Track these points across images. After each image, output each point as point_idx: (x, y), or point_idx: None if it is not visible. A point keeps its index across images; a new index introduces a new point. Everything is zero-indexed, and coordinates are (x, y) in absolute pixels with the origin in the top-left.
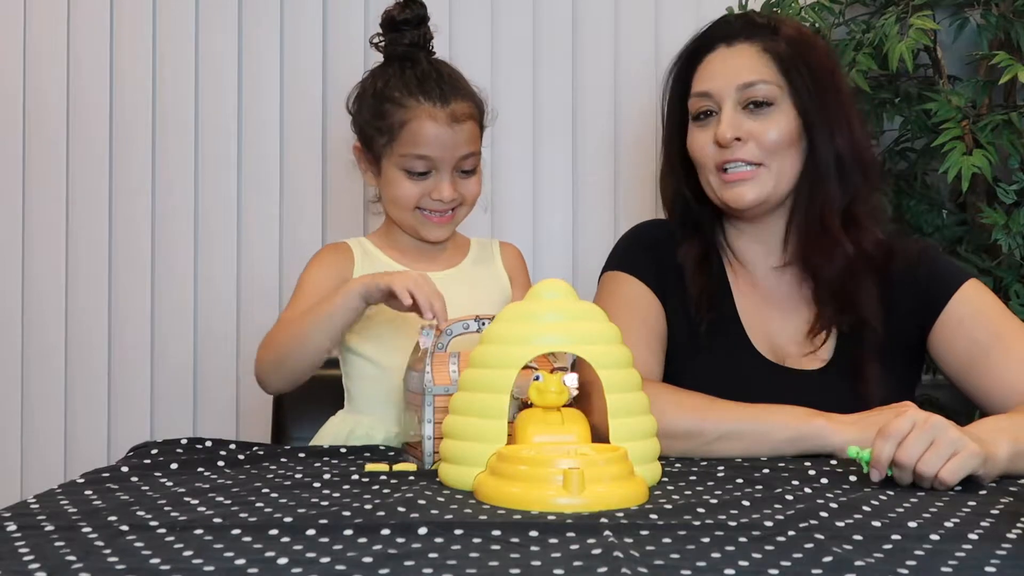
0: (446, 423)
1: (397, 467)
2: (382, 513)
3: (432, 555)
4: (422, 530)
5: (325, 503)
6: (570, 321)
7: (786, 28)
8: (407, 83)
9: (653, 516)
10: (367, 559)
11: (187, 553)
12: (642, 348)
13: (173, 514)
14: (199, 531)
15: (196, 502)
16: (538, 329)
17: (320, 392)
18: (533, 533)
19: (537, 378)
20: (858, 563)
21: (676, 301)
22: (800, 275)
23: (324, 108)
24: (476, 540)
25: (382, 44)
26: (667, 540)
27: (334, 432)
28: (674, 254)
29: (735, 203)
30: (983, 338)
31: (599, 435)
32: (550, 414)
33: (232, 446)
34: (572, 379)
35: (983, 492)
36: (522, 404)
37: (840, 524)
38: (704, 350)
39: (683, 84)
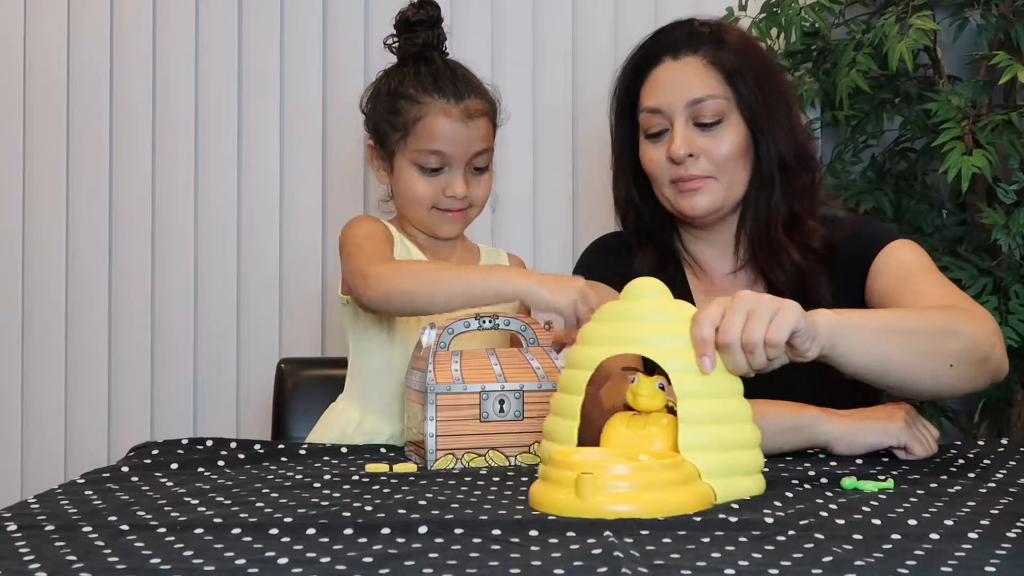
0: (546, 423)
1: (397, 467)
2: (382, 513)
3: (432, 555)
4: (422, 530)
5: (325, 503)
6: (655, 323)
7: (729, 35)
8: (422, 80)
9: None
10: (367, 559)
11: (187, 553)
12: None
13: (173, 514)
14: (199, 531)
15: (196, 502)
16: (620, 330)
17: (321, 392)
18: (533, 533)
19: (633, 380)
20: (858, 563)
21: None
22: (752, 276)
23: (324, 109)
24: (476, 540)
25: (395, 45)
26: (667, 540)
27: (341, 423)
28: (631, 263)
29: (690, 212)
30: (897, 281)
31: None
32: (636, 418)
33: (233, 445)
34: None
35: (983, 491)
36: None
37: (840, 523)
38: None
39: (631, 95)
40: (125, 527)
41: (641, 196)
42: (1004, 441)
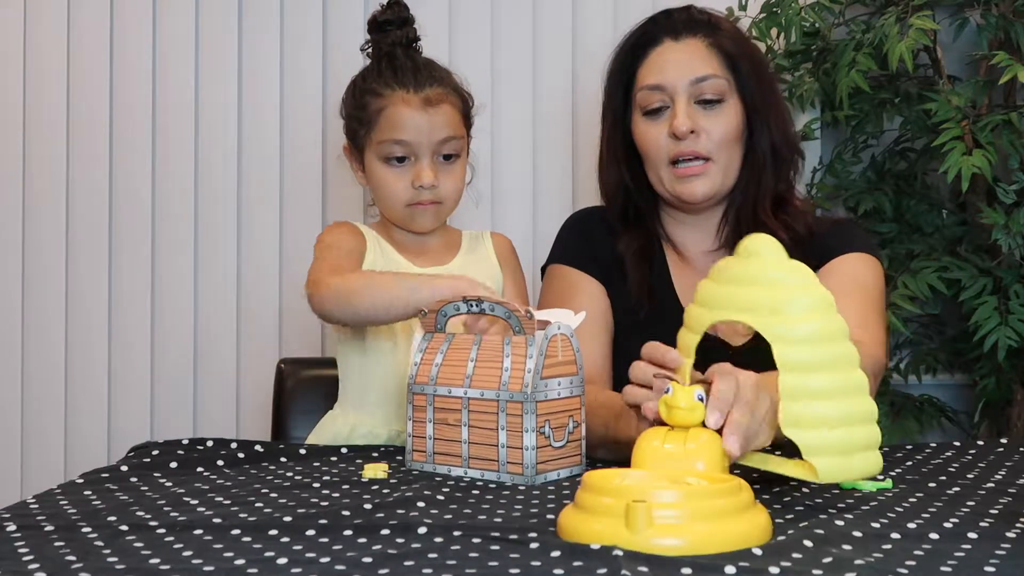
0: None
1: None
2: (382, 513)
3: (432, 555)
4: (422, 530)
5: (325, 503)
6: (764, 286)
7: (723, 23)
8: (383, 75)
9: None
10: (367, 559)
11: (187, 553)
12: (588, 341)
13: (173, 514)
14: (199, 531)
15: (196, 502)
16: (720, 293)
17: (320, 392)
18: (533, 533)
19: (667, 390)
20: (858, 563)
21: (618, 286)
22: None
23: (324, 108)
24: (476, 540)
25: (369, 48)
26: None
27: (334, 431)
28: (611, 242)
29: (688, 197)
30: (836, 287)
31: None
32: (673, 434)
33: (233, 445)
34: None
35: (983, 492)
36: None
37: (840, 524)
38: (646, 333)
39: (626, 77)
40: (125, 527)
41: (633, 178)
42: (1004, 441)
